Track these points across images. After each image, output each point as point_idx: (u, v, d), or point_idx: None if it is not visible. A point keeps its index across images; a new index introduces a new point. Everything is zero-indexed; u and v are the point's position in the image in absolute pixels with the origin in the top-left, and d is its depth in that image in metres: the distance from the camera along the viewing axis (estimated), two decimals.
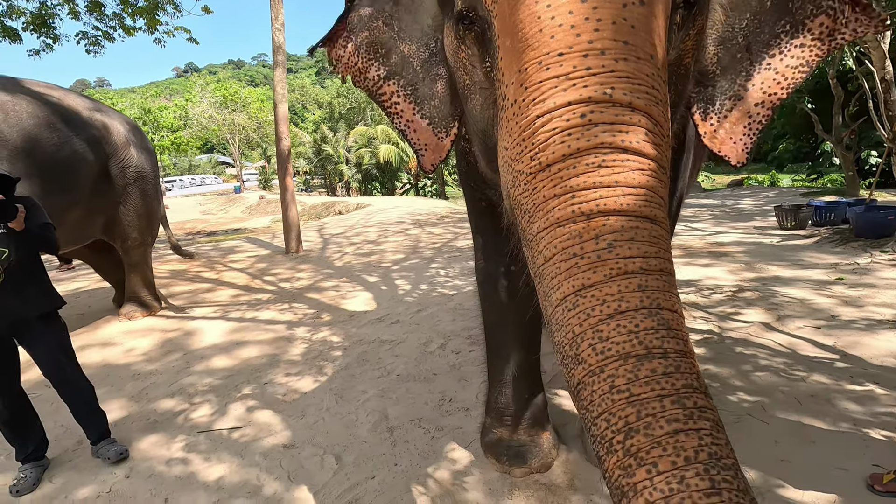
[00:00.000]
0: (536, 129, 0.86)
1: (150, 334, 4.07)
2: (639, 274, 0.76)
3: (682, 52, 1.13)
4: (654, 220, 0.81)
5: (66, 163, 3.53)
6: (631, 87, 0.83)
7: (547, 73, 0.85)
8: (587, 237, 0.79)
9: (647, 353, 0.72)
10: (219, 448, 2.39)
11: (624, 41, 0.83)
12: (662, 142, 0.86)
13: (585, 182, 0.80)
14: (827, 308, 3.65)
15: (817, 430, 2.20)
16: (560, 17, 0.85)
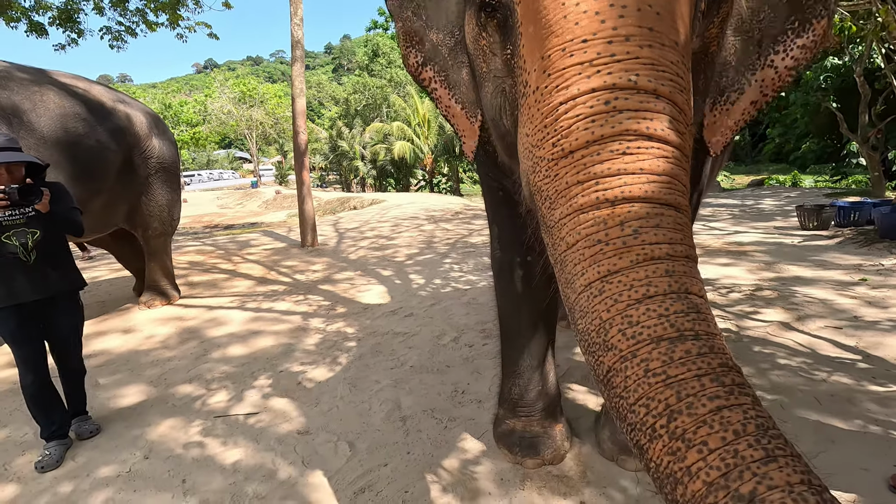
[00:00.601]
0: (559, 115, 0.85)
1: (168, 322, 4.15)
2: (665, 260, 0.76)
3: (707, 41, 1.11)
4: (678, 208, 0.81)
5: (91, 152, 3.60)
6: (656, 73, 0.82)
7: (571, 60, 0.85)
8: (612, 223, 0.79)
9: (679, 335, 0.71)
10: (235, 433, 2.43)
11: (649, 28, 0.83)
12: (686, 130, 0.86)
13: (609, 169, 0.80)
14: (849, 308, 3.57)
15: (838, 429, 2.16)
16: (584, 3, 0.85)
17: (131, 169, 4.04)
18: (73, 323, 2.40)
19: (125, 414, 2.66)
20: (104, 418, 2.60)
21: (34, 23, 8.32)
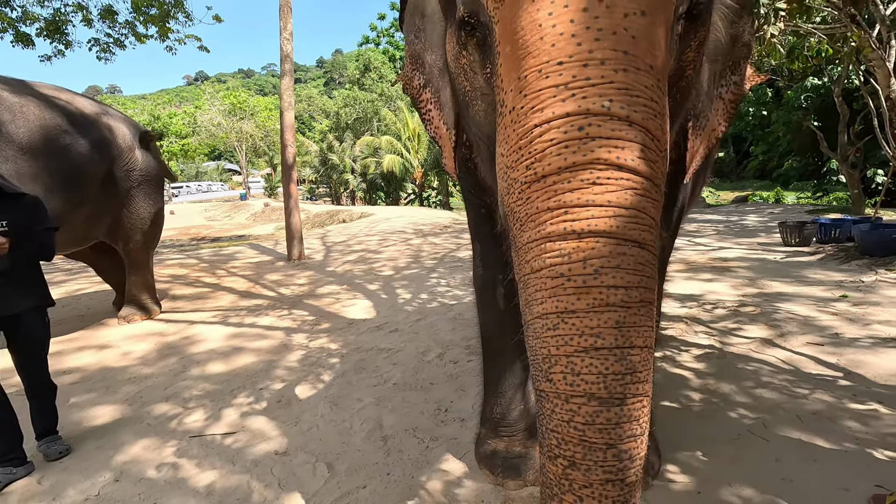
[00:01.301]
0: (534, 137, 0.85)
1: (148, 338, 4.06)
2: (619, 308, 0.81)
3: (683, 64, 1.12)
4: (641, 245, 0.83)
5: (72, 164, 3.55)
6: (629, 99, 0.82)
7: (546, 82, 0.84)
8: (576, 258, 0.81)
9: (609, 398, 0.82)
10: (210, 453, 2.36)
11: (624, 51, 0.83)
12: (658, 157, 0.86)
13: (579, 199, 0.81)
14: (830, 325, 3.61)
15: (820, 448, 2.16)
16: (561, 25, 0.84)
17: (113, 181, 3.98)
18: (39, 338, 2.34)
19: (98, 433, 2.57)
20: (75, 438, 2.52)
21: (21, 33, 8.25)
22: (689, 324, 3.85)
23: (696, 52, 1.14)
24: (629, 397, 0.83)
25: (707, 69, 1.35)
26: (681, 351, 3.31)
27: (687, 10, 1.01)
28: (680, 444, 2.22)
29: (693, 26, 1.08)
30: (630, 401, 0.83)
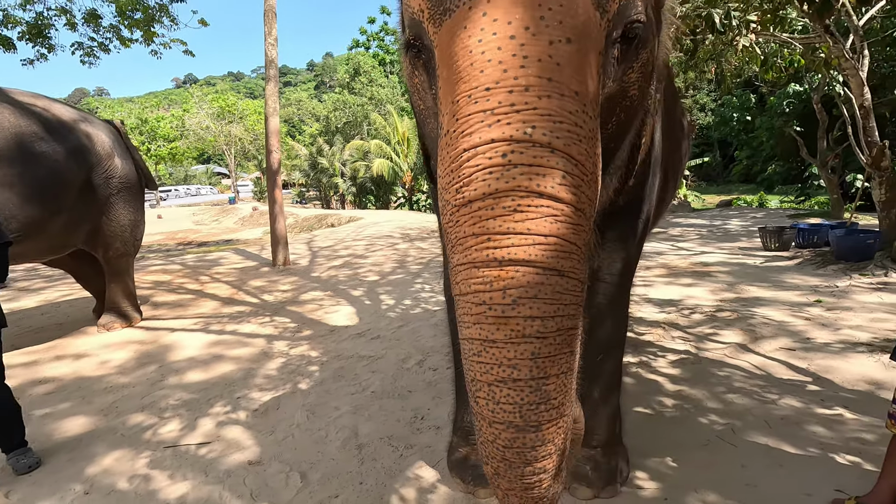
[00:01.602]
0: (462, 162, 0.87)
1: (127, 346, 4.03)
2: (535, 339, 0.85)
3: (626, 84, 1.14)
4: (561, 273, 0.85)
5: (48, 172, 3.52)
6: (552, 125, 0.84)
7: (475, 107, 0.86)
8: (496, 287, 0.84)
9: (524, 425, 0.90)
10: (184, 464, 2.35)
11: (548, 78, 0.85)
12: (582, 181, 0.88)
13: (501, 226, 0.83)
14: (803, 331, 3.68)
15: (786, 453, 2.20)
16: (489, 52, 0.87)
17: (92, 188, 3.95)
18: None
19: (70, 445, 2.55)
20: (47, 451, 2.49)
21: (2, 37, 8.15)
22: (666, 329, 3.91)
23: (640, 73, 1.17)
24: (544, 424, 0.90)
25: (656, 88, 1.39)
26: (657, 357, 3.36)
27: (622, 34, 1.04)
28: (650, 451, 2.25)
29: (632, 49, 1.10)
30: (545, 427, 0.90)
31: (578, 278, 0.90)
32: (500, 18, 0.88)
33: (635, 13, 1.02)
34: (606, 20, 0.97)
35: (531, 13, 0.88)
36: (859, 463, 2.07)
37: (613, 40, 1.02)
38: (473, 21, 0.90)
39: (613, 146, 1.26)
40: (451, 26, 0.95)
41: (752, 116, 18.66)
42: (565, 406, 0.92)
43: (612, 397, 1.97)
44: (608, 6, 0.97)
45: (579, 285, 0.90)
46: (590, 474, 1.95)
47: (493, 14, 0.89)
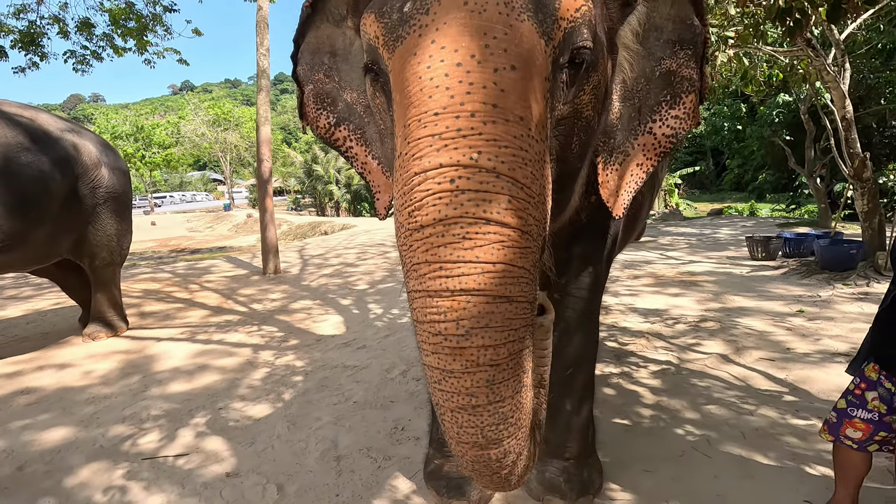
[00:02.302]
0: (414, 186, 0.90)
1: (111, 356, 4.02)
2: (489, 368, 0.89)
3: (578, 106, 1.18)
4: (510, 299, 0.88)
5: (33, 182, 3.53)
6: (497, 150, 0.87)
7: (424, 131, 0.89)
8: (450, 317, 0.87)
9: (487, 444, 0.96)
10: (161, 476, 2.35)
11: (493, 104, 0.88)
12: (529, 204, 0.91)
13: (451, 255, 0.86)
14: (783, 341, 3.72)
15: (758, 464, 2.23)
16: (437, 78, 0.90)
17: (77, 199, 3.96)
18: None
19: (47, 456, 2.54)
20: (23, 463, 2.49)
21: None
22: (649, 339, 3.94)
23: (593, 94, 1.20)
24: (504, 439, 0.97)
25: (619, 107, 1.41)
26: (638, 367, 3.39)
27: (570, 59, 1.07)
28: (625, 462, 2.28)
29: (582, 72, 1.13)
30: (506, 440, 0.97)
31: (527, 300, 0.93)
32: (448, 46, 0.92)
33: (581, 40, 1.05)
34: (552, 47, 1.01)
35: (477, 42, 0.92)
36: (828, 473, 2.09)
37: (561, 65, 1.06)
38: (423, 48, 0.94)
39: (573, 165, 1.29)
40: (402, 52, 0.98)
41: (742, 126, 18.86)
42: (522, 420, 0.99)
43: (583, 409, 1.99)
44: (553, 34, 1.00)
45: (528, 307, 0.94)
46: (563, 486, 1.96)
47: (441, 42, 0.93)
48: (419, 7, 0.98)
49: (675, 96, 1.37)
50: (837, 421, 1.69)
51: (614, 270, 6.81)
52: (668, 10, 1.37)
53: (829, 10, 2.50)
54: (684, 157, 29.73)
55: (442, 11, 0.95)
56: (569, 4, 1.01)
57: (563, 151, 1.21)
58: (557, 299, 1.86)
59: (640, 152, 1.41)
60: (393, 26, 1.01)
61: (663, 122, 1.38)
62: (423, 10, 0.97)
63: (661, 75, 1.38)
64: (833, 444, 1.74)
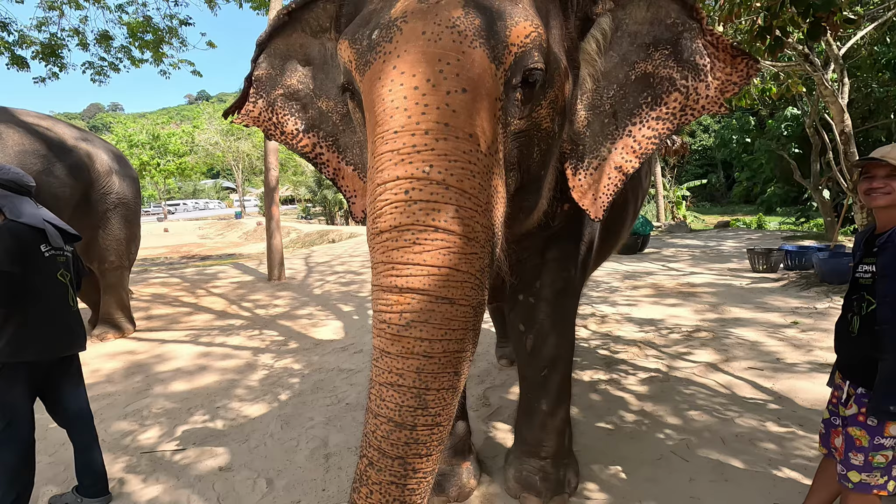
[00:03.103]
0: (377, 196, 1.02)
1: (117, 356, 4.16)
2: (421, 357, 0.98)
3: (536, 120, 1.27)
4: (451, 301, 0.99)
5: (49, 187, 3.71)
6: (447, 164, 0.99)
7: (386, 147, 1.02)
8: (395, 310, 0.98)
9: (402, 423, 1.00)
10: (158, 469, 2.46)
11: (445, 123, 1.00)
12: (476, 212, 1.02)
13: (402, 257, 0.98)
14: (775, 351, 3.75)
15: (734, 469, 2.28)
16: (397, 100, 1.02)
17: (89, 204, 4.14)
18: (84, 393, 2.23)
19: (50, 449, 2.66)
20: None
21: (16, 56, 8.49)
22: (641, 348, 3.99)
23: (550, 108, 1.29)
24: (419, 426, 1.01)
25: (585, 115, 1.49)
26: (628, 374, 3.44)
27: (522, 79, 1.17)
28: (604, 464, 2.34)
29: (538, 89, 1.22)
30: (419, 429, 1.01)
31: (470, 304, 1.02)
32: (407, 72, 1.05)
33: (532, 62, 1.15)
34: (503, 70, 1.11)
35: (433, 68, 1.04)
36: (801, 479, 2.14)
37: (514, 86, 1.16)
38: (386, 73, 1.07)
39: (535, 171, 1.37)
40: (370, 76, 1.11)
41: (751, 139, 18.82)
42: (442, 417, 1.03)
43: (559, 410, 2.06)
44: (504, 59, 1.11)
45: (471, 311, 1.03)
46: (538, 484, 2.03)
47: (402, 68, 1.05)
48: (384, 36, 1.10)
49: (656, 97, 1.40)
50: (826, 432, 1.71)
51: (614, 280, 6.86)
52: (643, 14, 1.41)
53: (809, 28, 2.58)
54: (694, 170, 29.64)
55: (403, 40, 1.07)
56: (519, 32, 1.12)
57: (525, 160, 1.31)
58: (532, 303, 1.95)
59: (618, 155, 1.45)
60: (363, 52, 1.14)
61: (643, 124, 1.42)
62: (387, 39, 1.10)
63: (638, 79, 1.42)
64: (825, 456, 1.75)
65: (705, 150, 30.79)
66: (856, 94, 10.65)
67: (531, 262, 1.90)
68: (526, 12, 1.15)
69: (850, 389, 1.56)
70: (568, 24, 1.40)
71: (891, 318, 1.39)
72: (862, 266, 1.56)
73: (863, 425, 1.46)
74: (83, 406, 2.21)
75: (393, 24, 1.10)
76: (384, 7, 1.16)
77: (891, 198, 1.48)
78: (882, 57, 9.45)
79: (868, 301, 1.48)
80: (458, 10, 1.08)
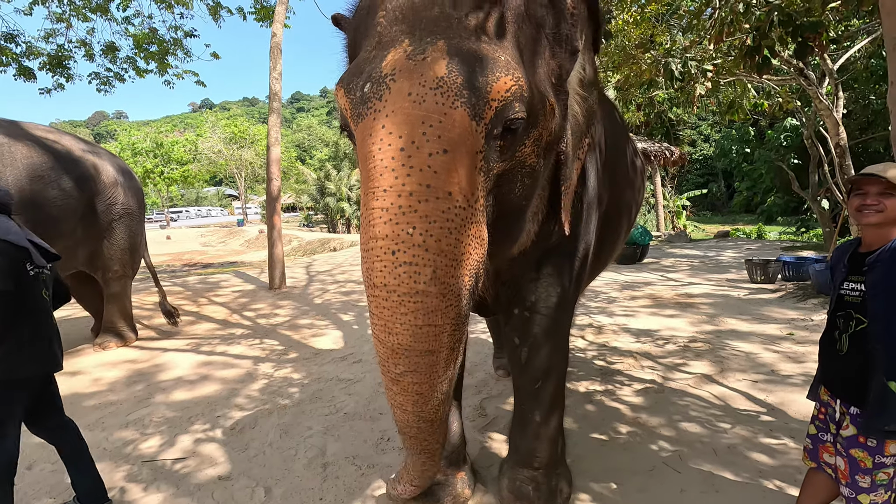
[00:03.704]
0: (368, 248, 1.14)
1: (119, 365, 4.21)
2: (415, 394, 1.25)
3: (521, 158, 1.34)
4: (433, 352, 1.18)
5: (55, 198, 3.79)
6: (427, 226, 1.10)
7: (377, 203, 1.12)
8: (391, 362, 1.20)
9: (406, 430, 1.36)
10: (158, 478, 2.50)
11: (427, 185, 1.10)
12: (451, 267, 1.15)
13: (391, 315, 1.14)
14: (770, 363, 3.78)
15: (725, 480, 2.31)
16: (385, 160, 1.12)
17: (95, 214, 4.22)
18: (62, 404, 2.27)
19: (54, 457, 2.69)
20: (32, 462, 2.66)
21: (23, 67, 8.62)
22: (637, 359, 4.02)
23: (534, 146, 1.36)
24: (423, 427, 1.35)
25: (571, 141, 1.58)
26: (623, 385, 3.48)
27: (504, 128, 1.23)
28: (597, 474, 2.37)
29: (521, 133, 1.29)
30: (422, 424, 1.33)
31: (447, 347, 1.21)
32: (394, 132, 1.14)
33: (513, 113, 1.22)
34: (483, 125, 1.19)
35: (416, 130, 1.13)
36: (790, 490, 2.18)
37: (495, 135, 1.23)
38: (376, 131, 1.17)
39: (518, 203, 1.46)
40: (362, 128, 1.21)
41: (751, 149, 18.93)
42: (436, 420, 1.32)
43: (552, 420, 2.10)
44: (484, 114, 1.18)
45: (449, 351, 1.23)
46: (531, 494, 2.07)
47: (389, 128, 1.15)
48: (375, 92, 1.19)
49: (589, 127, 1.68)
50: (813, 447, 1.73)
51: (612, 290, 6.90)
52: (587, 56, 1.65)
53: (796, 48, 2.66)
54: (695, 179, 29.74)
55: (391, 100, 1.17)
56: (499, 87, 1.18)
57: (509, 195, 1.39)
58: (527, 317, 2.00)
59: (575, 175, 1.63)
60: (356, 103, 1.24)
61: (583, 149, 1.67)
62: (377, 96, 1.19)
63: (588, 109, 1.64)
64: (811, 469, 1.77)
65: (706, 160, 30.91)
66: (853, 106, 10.75)
67: (526, 277, 1.96)
68: (508, 65, 1.21)
69: (842, 408, 1.58)
70: (556, 55, 1.47)
71: (884, 337, 1.41)
72: (848, 283, 1.58)
73: (864, 446, 1.48)
74: (64, 417, 2.25)
75: (383, 80, 1.18)
76: (376, 58, 1.24)
77: (883, 216, 1.48)
78: (879, 69, 9.53)
79: (857, 320, 1.50)
80: (442, 69, 1.15)
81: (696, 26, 4.08)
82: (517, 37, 1.33)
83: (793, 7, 2.94)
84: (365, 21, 1.37)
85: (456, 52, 1.17)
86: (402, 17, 1.25)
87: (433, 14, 1.23)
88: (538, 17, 1.40)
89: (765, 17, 2.65)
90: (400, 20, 1.25)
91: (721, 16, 3.43)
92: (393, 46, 1.22)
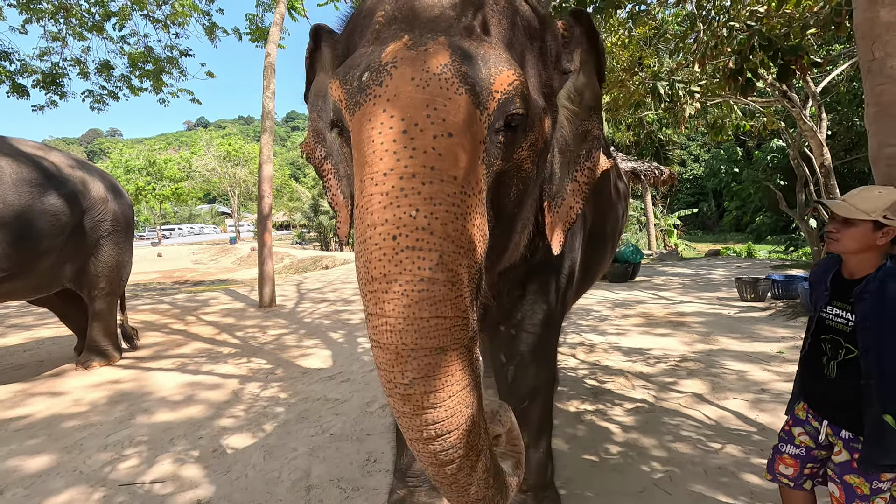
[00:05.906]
0: (366, 238, 1.03)
1: (102, 385, 4.12)
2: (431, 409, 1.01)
3: (517, 161, 1.33)
4: (444, 350, 1.00)
5: (42, 214, 3.75)
6: (432, 208, 1.02)
7: (375, 189, 1.04)
8: (396, 370, 1.00)
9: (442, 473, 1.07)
10: (135, 501, 2.42)
11: (431, 167, 1.04)
12: (458, 254, 1.04)
13: (394, 309, 0.99)
14: (761, 382, 3.77)
15: (714, 501, 2.27)
16: (386, 143, 1.06)
17: (83, 231, 4.17)
18: None
19: (28, 481, 2.62)
20: (4, 487, 2.57)
21: (17, 84, 8.64)
22: (628, 378, 4.00)
23: (530, 150, 1.36)
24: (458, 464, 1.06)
25: (559, 159, 1.59)
26: (614, 405, 3.44)
27: (505, 123, 1.23)
28: (587, 497, 2.33)
29: (519, 133, 1.28)
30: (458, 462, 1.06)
31: (461, 345, 1.04)
32: (396, 116, 1.09)
33: (514, 108, 1.22)
34: (486, 115, 1.18)
35: (420, 112, 1.08)
36: None
37: (497, 129, 1.22)
38: (376, 115, 1.11)
39: (511, 210, 1.44)
40: (360, 116, 1.15)
41: (739, 169, 19.25)
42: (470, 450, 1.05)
43: (541, 442, 2.07)
44: (488, 104, 1.17)
45: (463, 350, 1.05)
46: None
47: (391, 112, 1.10)
48: (374, 79, 1.15)
49: (589, 151, 1.60)
50: (772, 458, 1.75)
51: (604, 309, 6.90)
52: (583, 80, 1.59)
53: (778, 71, 2.72)
54: (686, 198, 30.08)
55: (393, 85, 1.12)
56: (502, 80, 1.19)
57: (503, 199, 1.37)
58: (513, 334, 1.98)
59: (571, 197, 1.60)
60: (353, 93, 1.18)
61: (582, 171, 1.60)
62: (377, 82, 1.14)
63: (583, 132, 1.60)
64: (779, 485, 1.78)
65: (696, 179, 31.33)
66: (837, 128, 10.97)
67: (513, 294, 1.94)
68: (509, 61, 1.22)
69: (829, 430, 1.58)
70: (548, 70, 1.49)
71: (877, 371, 1.41)
72: (831, 308, 1.58)
73: (860, 472, 1.47)
74: None
75: (383, 68, 1.14)
76: (374, 51, 1.21)
77: (838, 246, 1.52)
78: (861, 91, 9.77)
79: (847, 349, 1.51)
80: (445, 58, 1.14)
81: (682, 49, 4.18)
82: (513, 44, 1.34)
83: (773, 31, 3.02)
84: (361, 24, 1.36)
85: (458, 47, 1.16)
86: (401, 17, 1.24)
87: (433, 14, 1.24)
88: (531, 31, 1.43)
89: (746, 40, 2.73)
90: (399, 20, 1.24)
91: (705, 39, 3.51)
92: (392, 41, 1.19)
